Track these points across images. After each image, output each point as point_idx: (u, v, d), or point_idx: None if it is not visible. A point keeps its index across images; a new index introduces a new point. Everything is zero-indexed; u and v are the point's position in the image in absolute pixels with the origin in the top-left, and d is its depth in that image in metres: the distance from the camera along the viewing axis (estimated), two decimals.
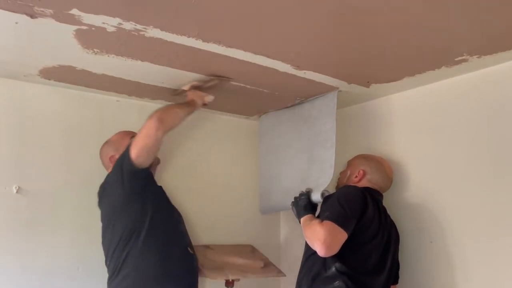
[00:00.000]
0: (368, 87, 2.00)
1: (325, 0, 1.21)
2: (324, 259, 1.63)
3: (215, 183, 2.45)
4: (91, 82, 1.93)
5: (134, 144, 1.65)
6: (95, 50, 1.57)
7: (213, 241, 2.31)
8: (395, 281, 1.84)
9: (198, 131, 2.43)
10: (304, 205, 1.82)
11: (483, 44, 1.51)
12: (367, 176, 1.87)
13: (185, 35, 1.43)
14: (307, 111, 2.15)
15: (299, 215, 1.82)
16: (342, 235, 1.55)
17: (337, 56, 1.63)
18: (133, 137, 1.78)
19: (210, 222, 2.37)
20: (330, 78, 1.85)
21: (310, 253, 1.71)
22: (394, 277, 1.81)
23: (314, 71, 1.78)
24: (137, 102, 2.19)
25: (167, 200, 1.95)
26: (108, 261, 1.74)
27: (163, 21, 1.34)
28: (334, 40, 1.48)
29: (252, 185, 2.54)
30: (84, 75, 1.82)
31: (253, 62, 1.66)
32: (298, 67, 1.72)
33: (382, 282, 1.69)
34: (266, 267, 2.14)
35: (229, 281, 2.02)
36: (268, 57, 1.62)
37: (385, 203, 1.87)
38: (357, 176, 1.88)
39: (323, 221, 1.58)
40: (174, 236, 1.83)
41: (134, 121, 2.19)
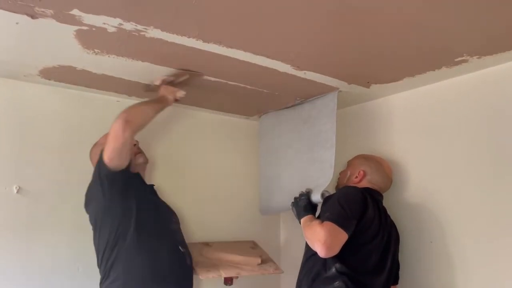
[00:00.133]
0: (368, 88, 2.00)
1: (325, 0, 1.21)
2: (324, 260, 1.63)
3: (215, 183, 2.46)
4: (91, 82, 1.94)
5: (105, 148, 1.64)
6: (95, 50, 1.57)
7: (212, 241, 2.31)
8: (395, 281, 1.84)
9: (198, 131, 2.44)
10: (304, 205, 1.82)
11: (483, 44, 1.51)
12: (367, 177, 1.87)
13: (185, 35, 1.43)
14: (307, 111, 2.15)
15: (299, 216, 1.82)
16: (343, 236, 1.55)
17: (337, 56, 1.63)
18: None
19: (209, 223, 2.37)
20: (330, 78, 1.85)
21: (310, 254, 1.71)
22: (394, 277, 1.81)
23: (314, 71, 1.78)
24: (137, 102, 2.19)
25: (156, 199, 1.94)
26: (99, 264, 1.75)
27: (164, 21, 1.34)
28: (334, 40, 1.48)
29: (252, 186, 2.54)
30: (84, 75, 1.82)
31: (253, 62, 1.66)
32: (298, 67, 1.72)
33: (382, 282, 1.69)
34: (263, 264, 2.10)
35: (228, 279, 2.01)
36: (268, 57, 1.62)
37: (385, 203, 1.87)
38: (357, 177, 1.88)
39: (323, 221, 1.58)
40: (164, 235, 1.81)
41: None
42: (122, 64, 1.70)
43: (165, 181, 2.23)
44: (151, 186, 2.01)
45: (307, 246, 1.74)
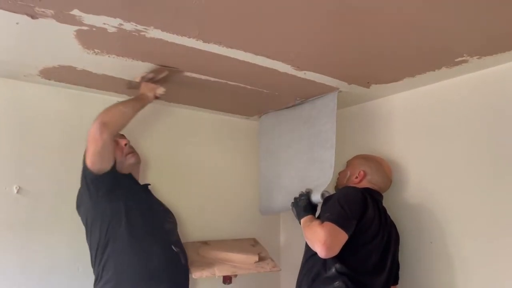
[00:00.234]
0: (368, 88, 2.00)
1: (325, 0, 1.21)
2: (324, 260, 1.63)
3: (215, 183, 2.46)
4: (91, 82, 1.94)
5: (86, 152, 1.64)
6: (95, 50, 1.57)
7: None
8: (395, 282, 1.84)
9: (198, 131, 2.44)
10: (304, 205, 1.82)
11: (483, 44, 1.51)
12: (368, 177, 1.87)
13: (185, 35, 1.43)
14: (307, 112, 2.15)
15: (299, 216, 1.82)
16: (343, 236, 1.55)
17: (337, 56, 1.63)
18: None
19: (209, 223, 2.38)
20: (330, 78, 1.85)
21: (310, 254, 1.71)
22: (394, 278, 1.81)
23: (314, 72, 1.78)
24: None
25: (148, 199, 1.93)
26: (93, 265, 1.76)
27: (164, 21, 1.34)
28: (334, 40, 1.48)
29: (251, 186, 2.54)
30: (84, 75, 1.82)
31: (253, 62, 1.66)
32: (298, 67, 1.72)
33: (382, 283, 1.69)
34: (261, 262, 2.07)
35: (227, 278, 2.00)
36: (268, 57, 1.62)
37: (385, 204, 1.87)
38: (357, 177, 1.88)
39: (323, 222, 1.59)
40: (156, 235, 1.80)
41: (135, 121, 2.20)
42: (122, 64, 1.70)
43: (165, 181, 2.23)
44: (144, 186, 2.00)
45: (307, 246, 1.74)
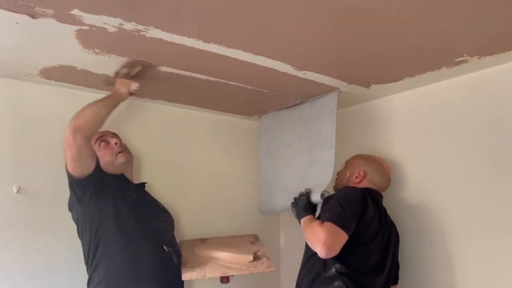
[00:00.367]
0: (368, 88, 2.00)
1: (325, 0, 1.21)
2: (324, 260, 1.63)
3: (215, 183, 2.46)
4: (91, 82, 1.93)
5: (65, 159, 1.64)
6: (95, 50, 1.57)
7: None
8: (395, 282, 1.85)
9: (198, 131, 2.44)
10: (303, 206, 1.82)
11: (483, 44, 1.51)
12: (368, 177, 1.87)
13: (185, 35, 1.43)
14: (307, 112, 2.15)
15: (299, 216, 1.82)
16: (343, 236, 1.55)
17: (337, 56, 1.63)
18: (98, 139, 1.82)
19: (209, 223, 2.37)
20: (330, 78, 1.86)
21: (310, 254, 1.71)
22: (394, 278, 1.81)
23: (314, 72, 1.78)
24: (137, 102, 2.19)
25: (140, 198, 1.91)
26: (86, 266, 1.76)
27: (164, 21, 1.34)
28: (334, 40, 1.48)
29: (251, 186, 2.54)
30: (84, 75, 1.82)
31: (253, 62, 1.66)
32: (298, 67, 1.72)
33: (382, 283, 1.69)
34: (255, 261, 2.03)
35: (224, 277, 1.99)
36: (268, 57, 1.62)
37: (385, 204, 1.87)
38: (357, 177, 1.88)
39: (323, 222, 1.59)
40: (147, 235, 1.78)
41: (135, 121, 2.20)
42: (122, 64, 1.70)
43: (165, 181, 2.23)
44: (139, 185, 1.99)
45: (307, 246, 1.74)
